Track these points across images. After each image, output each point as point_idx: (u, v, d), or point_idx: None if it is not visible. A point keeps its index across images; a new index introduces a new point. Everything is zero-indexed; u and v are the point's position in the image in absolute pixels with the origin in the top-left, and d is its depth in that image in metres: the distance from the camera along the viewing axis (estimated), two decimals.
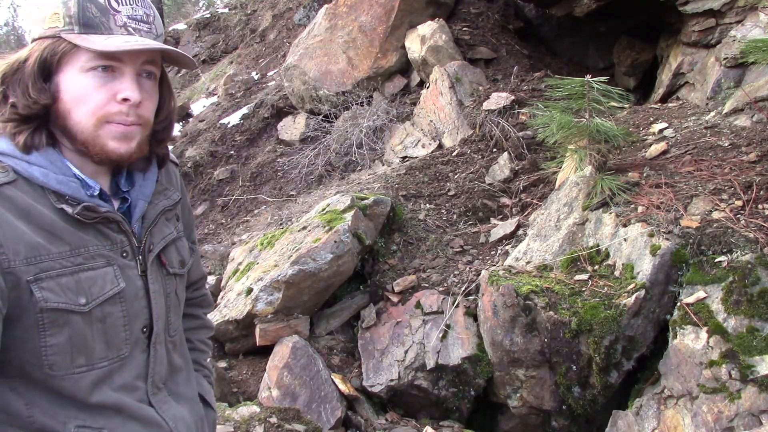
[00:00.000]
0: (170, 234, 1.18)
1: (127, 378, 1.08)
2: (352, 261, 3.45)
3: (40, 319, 0.97)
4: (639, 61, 5.65)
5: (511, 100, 4.70)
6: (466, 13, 6.11)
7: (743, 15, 4.27)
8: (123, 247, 1.08)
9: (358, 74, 6.01)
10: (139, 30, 1.03)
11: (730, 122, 3.64)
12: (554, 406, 2.78)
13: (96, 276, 1.02)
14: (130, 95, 1.02)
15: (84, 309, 1.00)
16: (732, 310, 2.37)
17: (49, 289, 0.97)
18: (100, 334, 1.03)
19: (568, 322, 2.59)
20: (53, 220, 1.00)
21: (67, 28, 1.00)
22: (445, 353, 3.03)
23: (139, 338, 1.09)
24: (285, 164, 6.02)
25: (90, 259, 1.02)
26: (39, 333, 0.97)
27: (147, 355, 1.11)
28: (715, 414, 2.25)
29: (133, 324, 1.08)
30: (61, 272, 0.99)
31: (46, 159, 1.02)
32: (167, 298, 1.16)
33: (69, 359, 1.00)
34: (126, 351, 1.07)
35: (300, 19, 9.03)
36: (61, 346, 0.99)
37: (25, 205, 0.98)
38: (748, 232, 2.57)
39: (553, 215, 3.30)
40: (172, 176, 1.27)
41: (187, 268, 1.24)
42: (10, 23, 31.51)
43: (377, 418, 3.06)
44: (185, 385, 1.24)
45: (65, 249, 1.00)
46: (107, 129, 1.02)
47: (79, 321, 1.00)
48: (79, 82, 1.01)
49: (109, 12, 1.01)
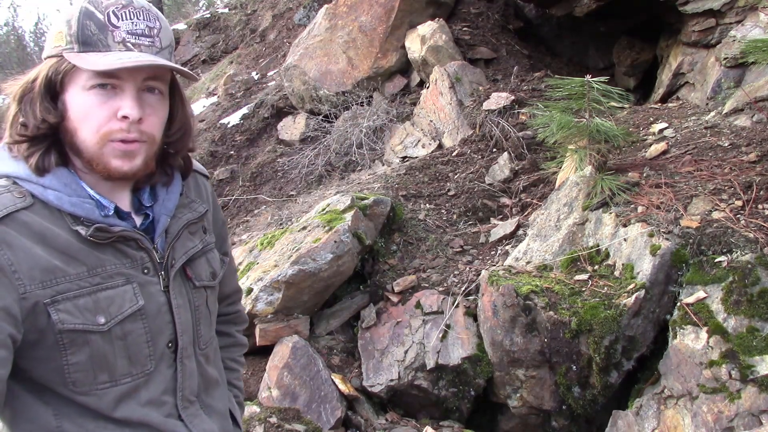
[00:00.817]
0: (194, 247, 1.17)
1: (154, 393, 1.08)
2: (352, 261, 3.45)
3: (60, 340, 0.99)
4: (639, 61, 5.65)
5: (511, 100, 4.70)
6: (466, 13, 6.11)
7: (743, 15, 4.27)
8: (144, 264, 1.08)
9: (358, 74, 6.01)
10: (138, 45, 1.02)
11: (730, 122, 3.64)
12: (554, 406, 2.78)
13: (115, 295, 1.03)
14: (128, 112, 1.01)
15: (103, 328, 1.01)
16: (732, 310, 2.37)
17: (66, 311, 0.98)
18: (122, 351, 1.03)
19: (568, 322, 2.59)
20: (69, 242, 1.01)
21: (69, 47, 1.01)
22: (445, 353, 3.03)
23: (165, 353, 1.10)
24: (285, 164, 6.02)
25: (108, 278, 1.03)
26: (60, 352, 0.99)
27: (174, 370, 1.11)
28: (715, 414, 2.25)
29: (156, 340, 1.08)
30: (79, 293, 1.00)
31: (60, 181, 1.02)
32: (196, 311, 1.15)
33: (91, 376, 1.01)
34: (150, 366, 1.07)
35: (300, 19, 9.03)
36: (82, 364, 1.00)
37: (41, 229, 0.99)
38: (748, 232, 2.57)
39: (553, 215, 3.30)
40: (201, 189, 1.26)
41: (218, 280, 1.23)
42: (10, 23, 31.50)
43: (377, 418, 3.06)
44: (220, 398, 1.24)
45: (82, 270, 1.01)
46: (110, 147, 1.02)
47: (99, 340, 1.01)
48: (81, 100, 1.01)
49: (107, 28, 1.01)
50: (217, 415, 1.20)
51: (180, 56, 11.03)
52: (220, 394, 1.25)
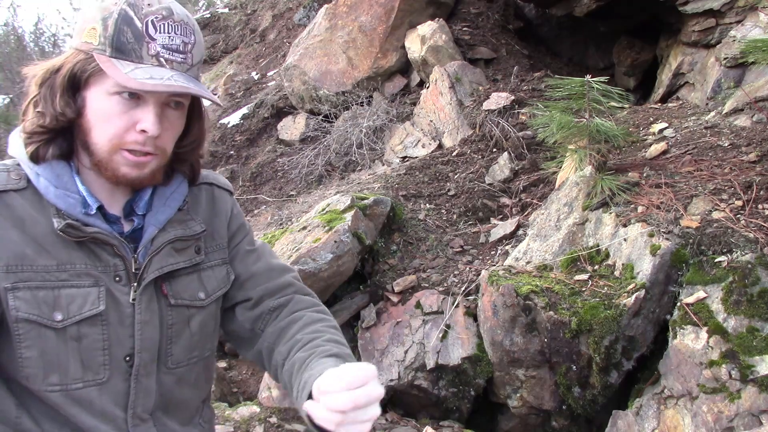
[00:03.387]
0: (175, 264, 1.11)
1: (106, 405, 1.04)
2: (352, 261, 3.45)
3: (15, 329, 0.97)
4: (639, 61, 5.65)
5: (511, 100, 4.70)
6: (466, 13, 6.11)
7: (743, 15, 4.27)
8: (117, 271, 1.05)
9: (358, 74, 6.01)
10: (171, 61, 1.01)
11: (730, 122, 3.64)
12: (554, 406, 2.78)
13: (77, 294, 1.01)
14: (148, 127, 1.00)
15: (58, 325, 0.98)
16: (732, 310, 2.37)
17: (24, 299, 0.97)
18: (75, 354, 1.00)
19: (568, 322, 2.59)
20: (46, 234, 1.00)
21: (100, 48, 0.99)
22: (445, 353, 3.03)
23: (121, 366, 1.05)
24: (285, 164, 6.02)
25: (75, 276, 1.01)
26: (16, 344, 0.97)
27: (129, 386, 1.06)
28: (715, 414, 2.25)
29: (113, 349, 1.04)
30: (41, 285, 0.98)
31: (53, 172, 1.02)
32: (168, 328, 1.10)
33: (42, 375, 0.99)
34: (104, 376, 1.03)
35: (300, 19, 9.03)
36: (34, 360, 0.98)
37: (23, 214, 0.99)
38: (748, 232, 2.57)
39: (553, 215, 3.30)
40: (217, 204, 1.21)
41: (209, 301, 1.16)
42: (10, 23, 31.50)
43: (377, 418, 3.05)
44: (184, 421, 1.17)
45: (51, 263, 0.99)
46: (121, 155, 1.02)
47: (53, 337, 0.99)
48: (103, 103, 1.00)
49: (143, 39, 0.99)
50: None
51: None
52: (188, 416, 1.17)
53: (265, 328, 1.22)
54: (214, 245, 1.20)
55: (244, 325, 1.24)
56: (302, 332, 1.18)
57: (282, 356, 1.16)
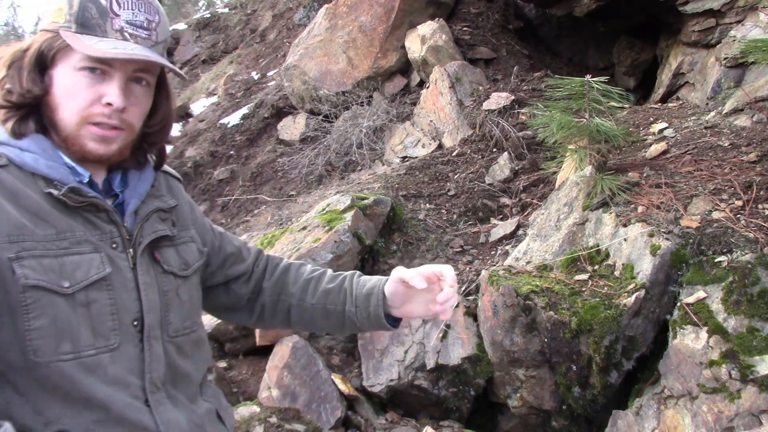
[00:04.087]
0: (162, 231, 1.16)
1: (120, 372, 1.04)
2: (352, 261, 3.45)
3: (23, 300, 0.96)
4: (639, 61, 5.65)
5: (511, 100, 4.70)
6: (466, 13, 6.11)
7: (743, 15, 4.27)
8: (113, 238, 1.07)
9: (358, 74, 6.01)
10: (135, 36, 1.04)
11: (730, 122, 3.64)
12: (554, 406, 2.78)
13: (81, 261, 1.02)
14: (113, 100, 1.03)
15: (67, 291, 0.99)
16: (732, 310, 2.37)
17: (31, 267, 0.97)
18: (85, 320, 1.00)
19: (568, 322, 2.59)
20: (40, 204, 1.01)
21: (66, 25, 1.03)
22: (445, 353, 3.03)
23: (130, 331, 1.06)
24: (285, 164, 6.02)
25: (76, 244, 1.02)
26: (22, 315, 0.96)
27: (141, 350, 1.08)
28: (715, 414, 2.25)
29: (121, 314, 1.05)
30: (44, 253, 0.99)
31: (38, 146, 1.04)
32: (164, 295, 1.13)
33: (54, 344, 0.97)
34: (115, 342, 1.04)
35: (300, 19, 9.03)
36: (44, 329, 0.97)
37: (14, 188, 1.00)
38: (748, 232, 2.57)
39: (553, 215, 3.30)
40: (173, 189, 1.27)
41: (191, 271, 1.21)
42: (10, 23, 31.52)
43: (377, 418, 3.06)
44: (191, 396, 1.18)
45: (50, 232, 1.00)
46: (88, 130, 1.04)
47: (62, 303, 0.98)
48: (69, 79, 1.03)
49: (108, 15, 1.02)
50: (185, 408, 1.15)
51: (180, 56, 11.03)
52: (192, 392, 1.19)
53: (262, 285, 1.37)
54: (180, 225, 1.24)
55: (242, 297, 1.37)
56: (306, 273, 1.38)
57: (297, 297, 1.34)
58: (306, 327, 1.41)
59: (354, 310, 1.30)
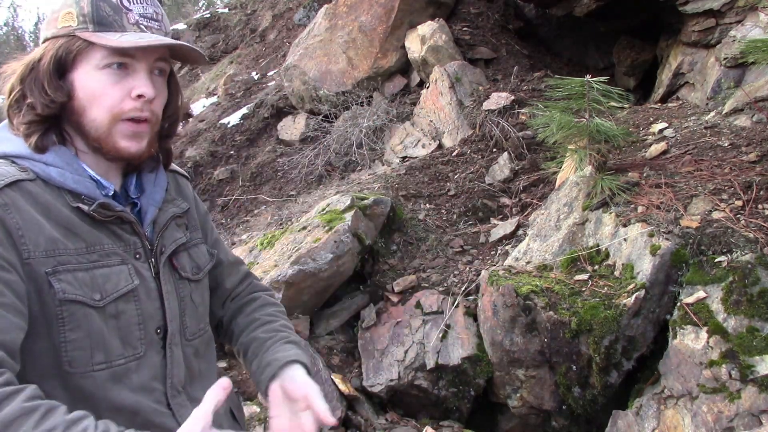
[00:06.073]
0: (181, 239, 1.18)
1: (145, 378, 1.07)
2: (352, 261, 3.45)
3: (59, 313, 0.97)
4: (639, 61, 5.65)
5: (511, 100, 4.70)
6: (466, 13, 6.11)
7: (743, 15, 4.27)
8: (136, 249, 1.09)
9: (358, 74, 6.01)
10: (150, 27, 1.06)
11: (730, 122, 3.63)
12: (554, 406, 2.78)
13: (110, 273, 1.03)
14: (145, 91, 1.04)
15: (99, 304, 1.01)
16: (732, 310, 2.37)
17: (67, 281, 0.98)
18: (114, 331, 1.03)
19: (568, 322, 2.59)
20: (70, 218, 1.01)
21: (82, 26, 1.02)
22: (445, 353, 3.03)
23: (154, 339, 1.09)
24: (285, 164, 6.02)
25: (105, 256, 1.04)
26: (58, 328, 0.98)
27: (163, 356, 1.10)
28: (715, 414, 2.25)
29: (147, 324, 1.08)
30: (77, 267, 1.00)
31: (62, 160, 1.04)
32: (181, 301, 1.16)
33: (88, 355, 1.00)
34: (141, 350, 1.06)
35: (300, 19, 9.03)
36: (80, 341, 0.99)
37: (45, 201, 1.00)
38: (748, 232, 2.57)
39: (553, 215, 3.30)
40: (183, 188, 1.28)
41: (203, 275, 1.24)
42: (10, 23, 31.55)
43: (377, 418, 3.06)
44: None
45: (81, 246, 1.02)
46: (120, 127, 1.05)
47: (95, 316, 1.00)
48: (94, 79, 1.02)
49: (121, 10, 1.03)
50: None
51: None
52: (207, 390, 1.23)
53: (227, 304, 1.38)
54: (191, 226, 1.26)
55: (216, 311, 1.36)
56: (260, 312, 1.34)
57: (239, 328, 1.33)
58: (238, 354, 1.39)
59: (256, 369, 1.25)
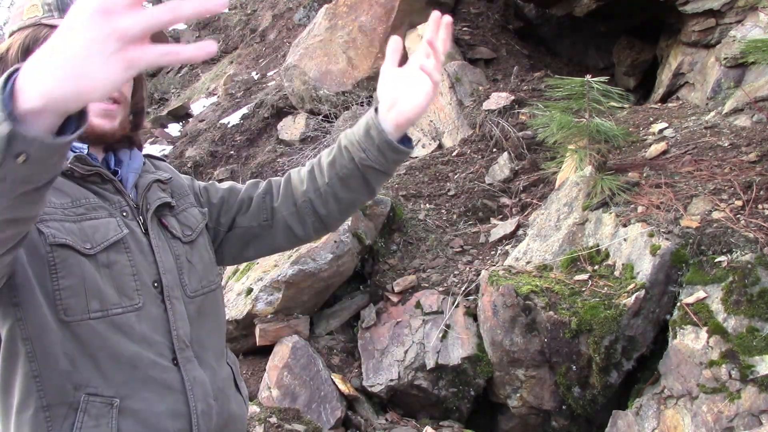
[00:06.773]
0: (165, 197, 1.20)
1: (146, 331, 1.07)
2: (352, 261, 3.45)
3: (51, 260, 0.99)
4: (639, 61, 5.65)
5: (511, 100, 4.70)
6: (466, 13, 6.11)
7: (743, 15, 4.27)
8: (122, 207, 1.11)
9: (358, 74, 6.01)
10: None
11: (730, 122, 3.63)
12: (554, 406, 2.78)
13: (98, 224, 1.06)
14: None
15: (89, 252, 1.02)
16: (732, 310, 2.37)
17: (55, 228, 1.00)
18: (108, 280, 1.04)
19: (568, 322, 2.59)
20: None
21: (47, 14, 1.06)
22: (445, 353, 3.03)
23: (151, 291, 1.10)
24: (285, 164, 6.02)
25: (91, 209, 1.06)
26: (51, 276, 0.99)
27: (164, 310, 1.11)
28: (715, 414, 2.25)
29: (141, 275, 1.08)
30: (64, 218, 1.02)
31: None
32: (177, 259, 1.17)
33: (84, 303, 1.01)
34: (139, 302, 1.07)
35: (300, 19, 9.03)
36: (74, 288, 1.00)
37: None
38: (748, 232, 2.57)
39: (553, 215, 3.30)
40: (160, 166, 1.31)
41: (195, 235, 1.24)
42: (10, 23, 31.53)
43: (377, 418, 3.06)
44: (216, 356, 1.21)
45: (66, 200, 1.04)
46: (92, 106, 1.06)
47: (87, 264, 1.02)
48: None
49: None
50: (210, 370, 1.17)
51: None
52: (217, 353, 1.22)
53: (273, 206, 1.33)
54: (177, 194, 1.27)
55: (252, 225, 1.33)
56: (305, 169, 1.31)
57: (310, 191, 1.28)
58: (336, 212, 1.32)
59: (364, 155, 1.22)
